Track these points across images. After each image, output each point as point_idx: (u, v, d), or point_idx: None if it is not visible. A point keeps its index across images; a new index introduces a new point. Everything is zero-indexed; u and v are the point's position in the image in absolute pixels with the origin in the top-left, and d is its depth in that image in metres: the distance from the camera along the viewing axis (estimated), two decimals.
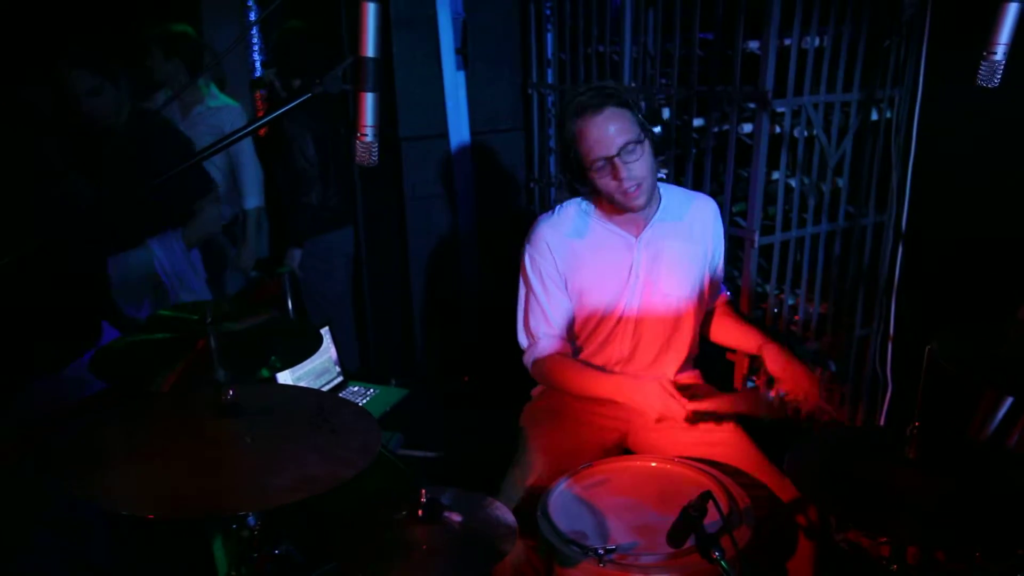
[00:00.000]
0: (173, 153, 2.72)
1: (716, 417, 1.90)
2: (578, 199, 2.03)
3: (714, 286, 2.14)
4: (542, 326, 2.02)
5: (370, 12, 1.24)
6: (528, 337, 2.06)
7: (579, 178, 1.90)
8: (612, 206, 1.96)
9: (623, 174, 1.79)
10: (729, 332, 2.15)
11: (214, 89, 3.51)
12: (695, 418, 1.84)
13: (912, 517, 1.26)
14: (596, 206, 2.00)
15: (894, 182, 2.46)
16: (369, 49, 1.25)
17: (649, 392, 1.82)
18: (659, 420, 1.85)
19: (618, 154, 1.78)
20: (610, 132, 1.78)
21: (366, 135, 1.28)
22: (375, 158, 1.31)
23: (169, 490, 1.20)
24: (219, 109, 3.44)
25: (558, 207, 2.05)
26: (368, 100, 1.27)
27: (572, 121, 1.84)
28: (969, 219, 2.35)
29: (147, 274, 2.66)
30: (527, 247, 2.02)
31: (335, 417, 1.41)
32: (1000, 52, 1.26)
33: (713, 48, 2.42)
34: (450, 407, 2.84)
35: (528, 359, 2.07)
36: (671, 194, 2.05)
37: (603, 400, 1.95)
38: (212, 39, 5.18)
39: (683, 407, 1.79)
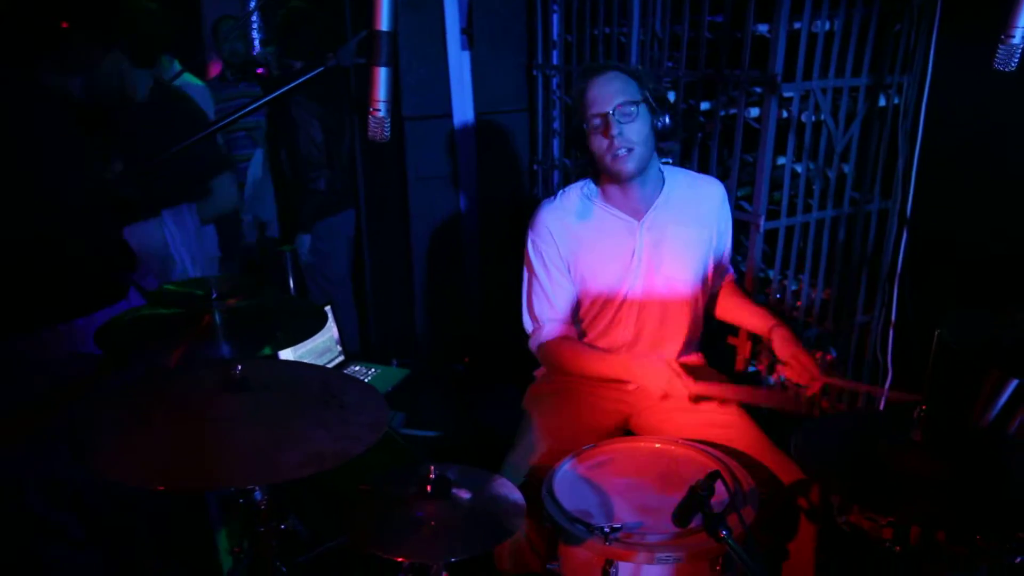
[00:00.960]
0: (192, 128, 2.69)
1: (719, 398, 1.91)
2: (581, 183, 2.03)
3: (719, 270, 2.14)
4: (546, 310, 2.03)
5: None
6: (533, 321, 2.07)
7: (581, 147, 1.92)
8: (613, 188, 1.96)
9: (614, 131, 1.83)
10: (738, 311, 2.14)
11: (176, 66, 3.47)
12: (698, 399, 1.85)
13: (918, 500, 1.27)
14: (599, 188, 2.00)
15: (900, 169, 2.46)
16: (383, 23, 1.24)
17: (655, 370, 1.84)
18: (664, 398, 1.86)
19: (612, 112, 1.82)
20: (609, 91, 1.85)
21: (379, 110, 1.27)
22: (387, 133, 1.30)
23: (178, 463, 1.20)
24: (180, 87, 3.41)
25: (560, 191, 2.05)
26: (381, 74, 1.26)
27: (578, 83, 1.92)
28: (974, 207, 2.35)
29: (157, 246, 2.65)
30: (529, 232, 2.03)
31: (342, 394, 1.41)
32: (1018, 36, 1.25)
33: (722, 31, 2.40)
34: (451, 388, 2.85)
35: (533, 343, 2.08)
36: (676, 177, 2.04)
37: (609, 381, 1.96)
38: (210, 16, 5.15)
39: (687, 388, 1.80)
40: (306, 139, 3.20)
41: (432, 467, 1.35)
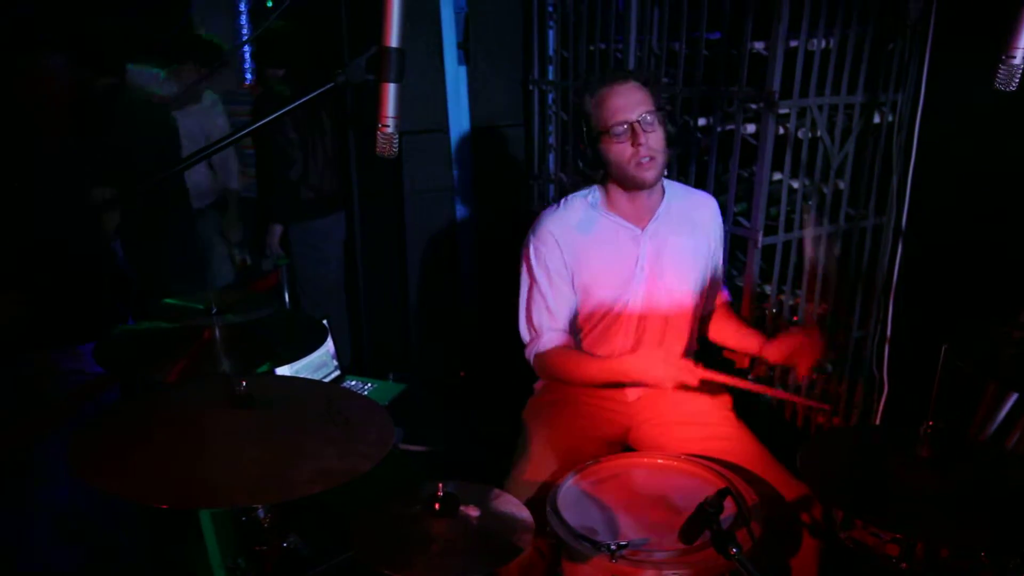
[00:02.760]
0: (159, 138, 2.73)
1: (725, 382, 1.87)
2: (585, 191, 2.02)
3: (714, 285, 2.15)
4: (546, 320, 2.00)
5: (395, 2, 1.23)
6: (531, 331, 2.04)
7: (593, 151, 1.91)
8: (619, 196, 1.96)
9: (642, 139, 1.84)
10: (730, 334, 2.15)
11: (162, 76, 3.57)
12: (704, 384, 1.81)
13: (923, 516, 1.27)
14: (603, 197, 2.00)
15: (894, 185, 2.48)
16: (393, 39, 1.24)
17: (655, 362, 1.80)
18: (676, 388, 1.80)
19: (638, 120, 1.84)
20: (633, 99, 1.85)
21: (388, 126, 1.27)
22: (395, 149, 1.30)
23: (183, 480, 1.18)
24: (212, 105, 3.51)
25: (563, 200, 2.05)
26: (390, 91, 1.26)
27: (595, 91, 1.90)
28: (968, 222, 2.37)
29: None
30: (532, 240, 2.01)
31: (347, 410, 1.40)
32: (1019, 56, 1.27)
33: (719, 48, 2.42)
34: (448, 403, 2.83)
35: (530, 353, 2.05)
36: (674, 190, 2.06)
37: (610, 386, 1.93)
38: (201, 28, 5.16)
39: (693, 372, 1.77)
40: (281, 137, 3.24)
41: (440, 484, 1.34)
